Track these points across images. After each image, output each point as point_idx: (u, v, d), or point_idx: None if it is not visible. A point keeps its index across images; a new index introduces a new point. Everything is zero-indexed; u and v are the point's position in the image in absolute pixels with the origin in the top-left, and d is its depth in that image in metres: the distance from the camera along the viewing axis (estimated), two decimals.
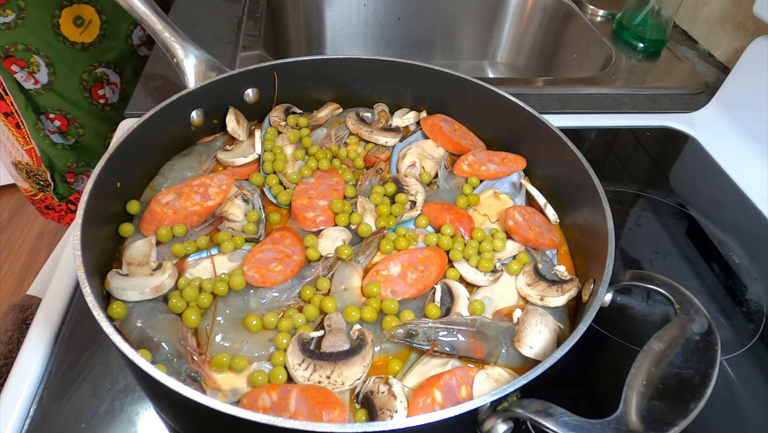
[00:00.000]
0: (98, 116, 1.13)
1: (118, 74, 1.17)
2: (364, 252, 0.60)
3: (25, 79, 1.09)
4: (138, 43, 1.18)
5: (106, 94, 1.16)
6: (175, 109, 0.66)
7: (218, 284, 0.55)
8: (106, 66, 1.13)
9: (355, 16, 1.33)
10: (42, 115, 1.14)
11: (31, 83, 1.10)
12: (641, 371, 0.44)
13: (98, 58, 1.12)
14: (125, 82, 1.16)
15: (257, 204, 0.65)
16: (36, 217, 2.08)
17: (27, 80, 1.09)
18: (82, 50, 1.13)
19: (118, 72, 1.17)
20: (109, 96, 1.16)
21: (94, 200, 0.53)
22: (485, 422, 0.43)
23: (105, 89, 1.15)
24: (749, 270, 0.76)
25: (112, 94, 1.16)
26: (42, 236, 2.06)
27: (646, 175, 0.92)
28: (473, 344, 0.52)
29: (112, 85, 1.17)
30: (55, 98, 1.13)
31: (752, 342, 0.67)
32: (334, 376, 0.48)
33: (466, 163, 0.71)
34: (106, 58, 1.12)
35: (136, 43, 1.18)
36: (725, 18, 1.15)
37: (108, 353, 0.59)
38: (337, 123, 0.78)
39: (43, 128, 1.15)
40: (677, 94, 1.07)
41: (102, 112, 1.11)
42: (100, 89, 1.14)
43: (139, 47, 1.18)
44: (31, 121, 1.12)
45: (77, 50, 1.12)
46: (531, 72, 1.39)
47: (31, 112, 1.11)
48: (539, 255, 0.63)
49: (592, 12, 1.27)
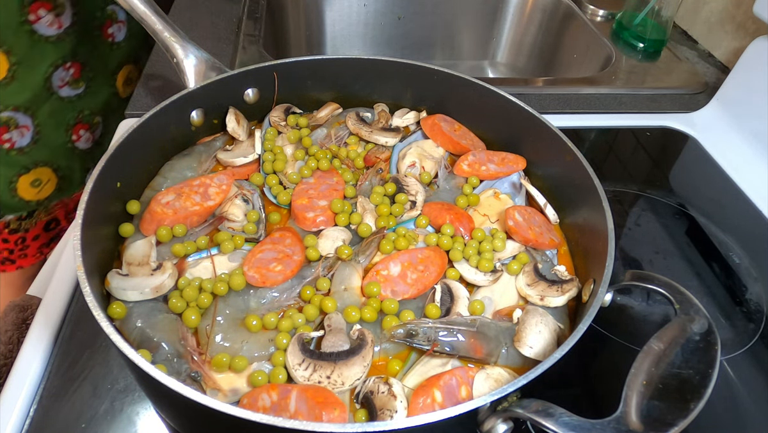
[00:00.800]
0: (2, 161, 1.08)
1: (29, 117, 1.07)
2: (364, 252, 0.60)
3: None
4: (60, 84, 1.08)
5: (13, 138, 1.06)
6: (175, 109, 0.66)
7: (218, 284, 0.55)
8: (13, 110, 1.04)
9: (355, 16, 1.33)
10: None
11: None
12: (641, 371, 0.44)
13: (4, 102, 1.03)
14: (39, 124, 1.10)
15: (257, 204, 0.65)
16: None
17: None
18: None
19: (29, 115, 1.07)
20: (17, 139, 1.06)
21: (94, 200, 0.53)
22: (485, 422, 0.43)
23: (11, 133, 1.06)
24: (749, 270, 0.76)
25: (21, 137, 1.10)
26: None
27: (646, 175, 0.92)
28: (473, 344, 0.52)
29: (22, 129, 1.06)
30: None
31: (752, 342, 0.67)
32: (334, 376, 0.48)
33: (466, 163, 0.71)
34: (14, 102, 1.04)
35: (58, 84, 1.08)
36: (725, 18, 1.15)
37: (108, 353, 0.59)
38: (337, 123, 0.78)
39: None
40: (677, 94, 1.07)
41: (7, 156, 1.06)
42: (5, 133, 1.05)
43: (60, 88, 1.08)
44: None
45: None
46: (531, 72, 1.39)
47: None
48: (539, 255, 0.63)
49: (592, 12, 1.27)
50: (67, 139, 1.13)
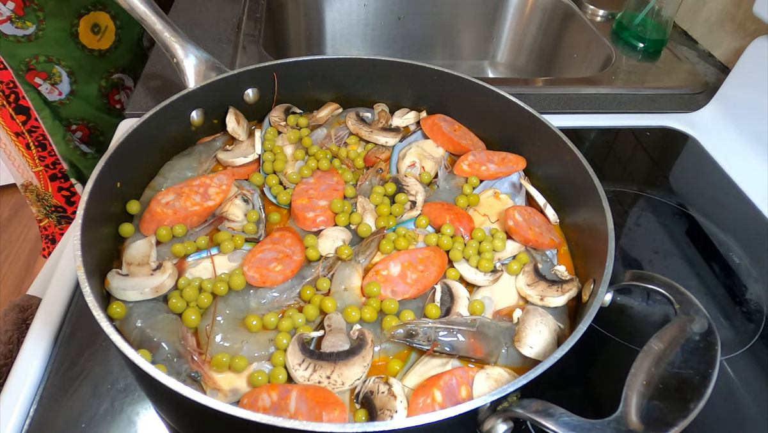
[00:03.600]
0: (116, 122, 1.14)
1: (132, 78, 1.17)
2: (364, 252, 0.60)
3: (49, 91, 1.09)
4: (147, 46, 1.18)
5: (122, 99, 1.16)
6: (175, 109, 0.66)
7: (218, 284, 0.55)
8: (122, 71, 1.14)
9: (355, 16, 1.33)
10: (66, 127, 1.14)
11: (55, 95, 1.10)
12: (641, 371, 0.44)
13: (115, 64, 1.12)
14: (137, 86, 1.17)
15: (257, 204, 0.65)
16: None
17: (51, 92, 1.09)
18: (100, 57, 1.13)
19: (131, 76, 1.17)
20: (125, 101, 1.16)
21: (94, 200, 0.53)
22: (485, 422, 0.43)
23: (121, 94, 1.15)
24: (749, 270, 0.76)
25: (127, 98, 1.16)
26: (42, 236, 2.06)
27: (646, 175, 0.92)
28: (473, 344, 0.52)
29: (127, 90, 1.16)
30: (78, 108, 1.13)
31: (752, 342, 0.67)
32: (334, 376, 0.48)
33: (466, 163, 0.71)
34: (121, 64, 1.12)
35: (146, 46, 1.18)
36: (725, 18, 1.15)
37: (108, 353, 0.58)
38: (337, 123, 0.78)
39: (72, 139, 1.15)
40: (677, 94, 1.07)
41: (120, 117, 1.11)
42: (116, 95, 1.14)
43: (148, 50, 1.18)
44: (60, 134, 1.11)
45: (95, 57, 1.12)
46: (531, 72, 1.39)
47: (58, 125, 1.11)
48: (539, 255, 0.63)
49: (592, 12, 1.27)
50: None
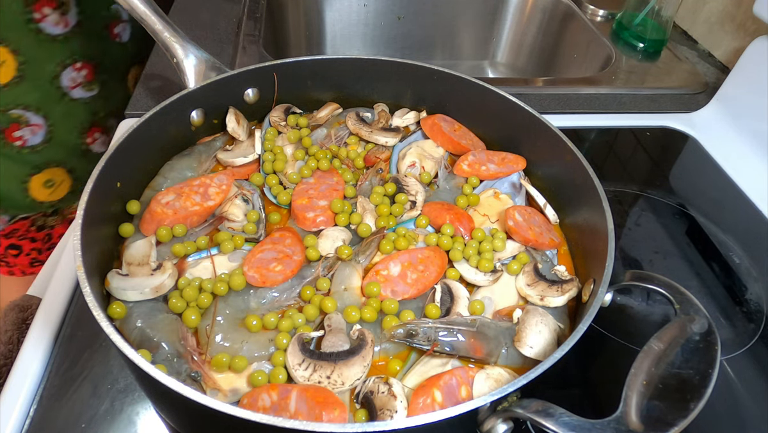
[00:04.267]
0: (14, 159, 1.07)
1: (42, 117, 1.06)
2: (364, 252, 0.60)
3: None
4: (71, 85, 1.08)
5: (24, 135, 1.05)
6: (175, 109, 0.66)
7: (218, 284, 0.55)
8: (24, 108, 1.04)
9: (355, 16, 1.33)
10: None
11: None
12: (641, 371, 0.44)
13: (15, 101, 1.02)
14: (52, 124, 1.08)
15: (257, 204, 0.65)
16: None
17: None
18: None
19: (42, 115, 1.06)
20: (29, 137, 1.05)
21: (94, 200, 0.53)
22: (485, 422, 0.43)
23: (23, 131, 1.05)
24: (749, 270, 0.76)
25: (32, 135, 1.09)
26: None
27: (646, 175, 0.92)
28: (473, 344, 0.52)
29: (33, 127, 1.06)
30: None
31: (752, 342, 0.67)
32: (334, 376, 0.48)
33: (466, 163, 0.71)
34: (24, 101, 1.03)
35: (69, 85, 1.07)
36: (725, 18, 1.15)
37: (108, 353, 0.59)
38: (337, 123, 0.78)
39: None
40: (677, 94, 1.07)
41: (18, 154, 1.05)
42: (16, 130, 1.04)
43: (72, 89, 1.08)
44: None
45: None
46: (531, 72, 1.39)
47: None
48: (539, 255, 0.63)
49: (592, 12, 1.27)
50: (81, 141, 1.13)
